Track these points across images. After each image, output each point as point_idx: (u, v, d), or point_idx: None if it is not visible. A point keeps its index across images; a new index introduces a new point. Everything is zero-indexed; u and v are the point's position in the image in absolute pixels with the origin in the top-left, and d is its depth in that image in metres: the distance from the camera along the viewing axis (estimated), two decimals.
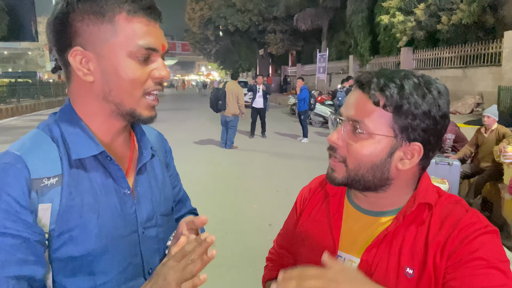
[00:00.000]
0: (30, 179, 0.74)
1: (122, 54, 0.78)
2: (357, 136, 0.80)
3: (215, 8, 30.65)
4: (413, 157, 0.81)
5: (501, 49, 11.99)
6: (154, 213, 0.93)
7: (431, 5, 13.81)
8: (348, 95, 0.86)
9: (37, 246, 0.73)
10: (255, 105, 10.74)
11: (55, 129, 0.83)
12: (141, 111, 0.83)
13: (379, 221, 0.87)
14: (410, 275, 0.80)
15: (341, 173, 0.84)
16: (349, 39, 22.00)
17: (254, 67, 37.66)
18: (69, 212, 0.77)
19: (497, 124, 5.22)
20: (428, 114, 0.77)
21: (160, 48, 0.82)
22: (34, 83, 23.23)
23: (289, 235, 1.08)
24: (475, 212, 0.81)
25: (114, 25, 0.77)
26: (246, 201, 5.52)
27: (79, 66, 0.78)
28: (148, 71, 0.81)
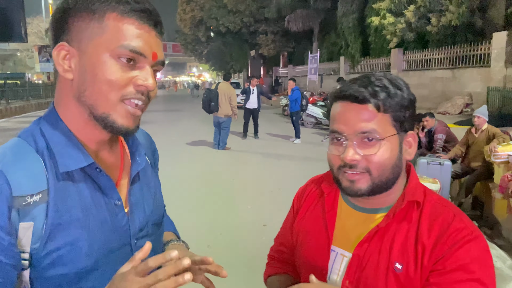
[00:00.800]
0: (11, 196, 0.69)
1: (104, 53, 0.73)
2: (371, 145, 0.84)
3: (206, 9, 30.59)
4: (411, 145, 0.90)
5: (489, 50, 12.16)
6: (147, 222, 0.89)
7: (421, 7, 13.95)
8: (341, 111, 0.87)
9: (9, 270, 0.68)
10: (248, 106, 10.75)
11: (40, 139, 0.77)
12: (115, 118, 0.75)
13: (371, 218, 0.92)
14: (399, 270, 0.84)
15: (365, 182, 0.86)
16: (340, 41, 22.12)
17: (245, 68, 37.66)
18: (56, 230, 0.72)
19: (487, 124, 5.30)
20: (411, 102, 0.87)
21: (149, 56, 0.76)
22: (23, 85, 23.01)
23: (287, 233, 1.14)
24: (462, 217, 0.86)
25: (103, 23, 0.74)
26: (240, 201, 5.53)
27: (60, 61, 0.75)
28: (130, 77, 0.75)
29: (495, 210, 4.73)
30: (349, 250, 0.92)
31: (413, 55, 16.00)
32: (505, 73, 11.50)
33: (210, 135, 10.29)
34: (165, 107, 22.29)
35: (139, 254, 0.68)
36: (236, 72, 39.05)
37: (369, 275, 0.87)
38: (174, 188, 5.61)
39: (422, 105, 13.73)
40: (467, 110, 12.47)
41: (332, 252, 0.95)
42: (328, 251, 0.95)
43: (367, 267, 0.88)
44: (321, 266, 0.95)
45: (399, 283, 0.84)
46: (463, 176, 5.52)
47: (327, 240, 0.96)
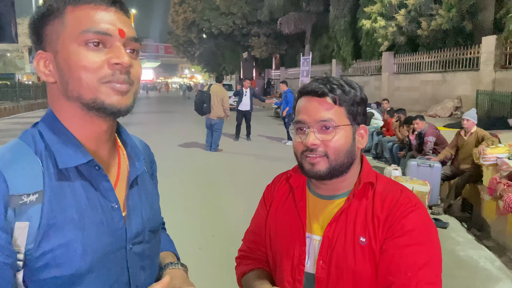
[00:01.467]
0: (8, 195, 0.69)
1: (71, 44, 0.74)
2: (328, 132, 0.97)
3: (198, 10, 30.54)
4: (363, 137, 1.04)
5: (479, 54, 12.31)
6: (143, 228, 0.88)
7: (412, 11, 14.09)
8: (304, 104, 1.01)
9: (5, 269, 0.68)
10: (241, 108, 10.75)
11: (39, 140, 0.78)
12: (103, 98, 0.75)
13: (334, 203, 1.05)
14: (364, 243, 0.97)
15: (324, 165, 0.98)
16: (332, 43, 22.23)
17: (238, 70, 37.66)
18: (51, 231, 0.72)
19: (476, 127, 5.37)
20: (363, 100, 1.02)
21: (114, 33, 0.76)
22: (13, 85, 22.73)
23: (260, 229, 1.20)
24: (408, 193, 1.01)
25: (63, 19, 0.75)
26: (232, 203, 5.53)
27: (41, 69, 0.77)
28: (103, 58, 0.75)
29: (484, 212, 4.79)
30: (319, 234, 1.03)
31: (404, 58, 16.13)
32: (494, 76, 11.65)
33: (202, 137, 10.28)
34: (157, 108, 22.21)
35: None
36: (228, 74, 39.05)
37: (339, 252, 0.99)
38: (166, 190, 5.55)
39: (412, 107, 13.85)
40: (457, 113, 12.61)
41: (307, 239, 1.05)
42: (304, 238, 1.05)
43: (337, 245, 0.99)
44: (299, 252, 1.05)
45: (365, 255, 0.96)
46: (452, 178, 5.58)
47: (301, 228, 1.06)
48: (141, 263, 0.87)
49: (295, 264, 1.05)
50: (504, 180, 4.13)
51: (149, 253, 0.90)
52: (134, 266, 0.85)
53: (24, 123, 15.55)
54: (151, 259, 0.92)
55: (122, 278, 0.83)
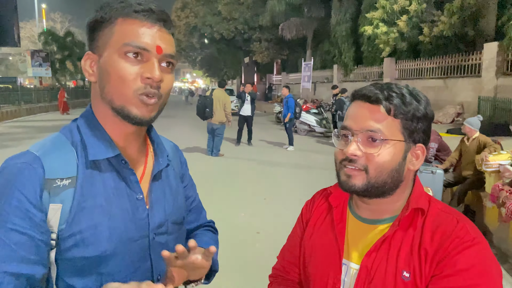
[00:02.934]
0: (44, 178, 0.78)
1: (114, 53, 0.82)
2: (374, 145, 0.86)
3: (200, 16, 30.69)
4: (419, 157, 0.90)
5: (481, 60, 12.34)
6: (166, 220, 0.95)
7: (413, 17, 14.15)
8: (353, 109, 0.91)
9: (41, 245, 0.76)
10: (242, 113, 10.76)
11: (76, 133, 0.87)
12: (131, 108, 0.83)
13: (377, 229, 0.93)
14: (407, 279, 0.84)
15: (361, 180, 0.87)
16: (334, 49, 22.29)
17: (239, 75, 37.74)
18: (81, 214, 0.79)
19: (478, 133, 5.36)
20: (426, 116, 0.88)
21: (152, 49, 0.82)
22: (15, 89, 22.80)
23: (295, 248, 1.11)
24: (466, 223, 0.85)
25: (112, 28, 0.83)
26: (233, 209, 5.51)
27: (86, 68, 0.86)
28: (138, 71, 0.82)
29: (486, 218, 4.77)
30: (357, 262, 0.93)
31: (405, 64, 16.17)
32: (496, 83, 11.67)
33: (203, 141, 10.28)
34: None
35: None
36: (229, 78, 39.12)
37: (378, 286, 0.87)
38: None
39: None
40: (459, 119, 12.61)
41: (344, 266, 0.95)
42: (340, 265, 0.95)
43: (375, 278, 0.88)
44: (334, 281, 0.95)
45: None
46: (455, 185, 5.56)
47: (338, 253, 0.96)
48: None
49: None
50: (506, 187, 4.11)
51: (173, 244, 0.93)
52: (157, 255, 0.90)
53: (26, 127, 15.57)
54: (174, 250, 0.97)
55: (145, 265, 0.90)
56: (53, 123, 16.74)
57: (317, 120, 13.49)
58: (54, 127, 14.56)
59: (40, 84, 28.41)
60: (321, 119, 13.57)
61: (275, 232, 4.48)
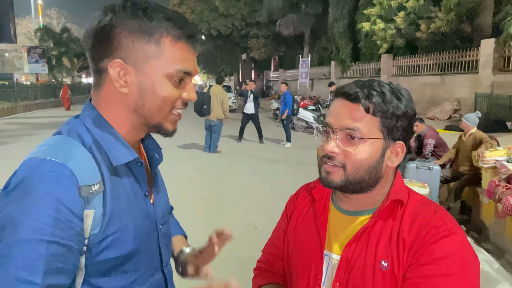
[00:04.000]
0: (79, 186, 0.75)
1: (161, 74, 0.82)
2: (352, 143, 0.87)
3: (197, 12, 30.57)
4: (398, 154, 0.92)
5: (478, 57, 12.37)
6: (165, 210, 1.01)
7: (411, 13, 14.15)
8: (334, 107, 0.92)
9: (76, 255, 0.76)
10: (246, 111, 10.75)
11: (86, 135, 0.84)
12: (167, 126, 0.89)
13: (358, 220, 0.95)
14: (385, 268, 0.86)
15: (339, 176, 0.89)
16: (331, 45, 22.30)
17: (236, 71, 37.70)
18: (112, 217, 0.81)
19: (475, 129, 5.38)
20: (406, 114, 0.88)
21: (193, 73, 0.87)
22: (12, 85, 22.68)
23: (279, 241, 1.14)
24: (443, 214, 0.88)
25: (159, 47, 0.81)
26: (231, 205, 5.53)
27: (117, 78, 0.82)
28: (180, 92, 0.86)
29: (483, 214, 4.80)
30: (338, 253, 0.95)
31: (402, 60, 16.19)
32: (493, 79, 11.70)
33: (200, 138, 10.28)
34: None
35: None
36: (227, 75, 39.09)
37: (357, 275, 0.89)
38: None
39: None
40: (456, 115, 12.65)
41: (325, 257, 0.97)
42: (321, 256, 0.97)
43: (355, 267, 0.90)
44: (316, 272, 0.97)
45: (385, 281, 0.86)
46: (452, 181, 5.59)
47: (319, 245, 0.98)
48: (166, 242, 1.00)
49: (310, 284, 0.98)
50: (503, 183, 4.14)
51: (169, 232, 1.03)
52: (163, 245, 0.97)
53: (22, 123, 15.51)
54: (170, 237, 1.05)
55: (156, 256, 0.94)
56: (50, 119, 16.68)
57: (314, 116, 13.50)
58: (51, 123, 14.51)
59: (36, 81, 28.28)
60: (318, 115, 13.58)
61: (273, 228, 4.48)
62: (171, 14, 0.83)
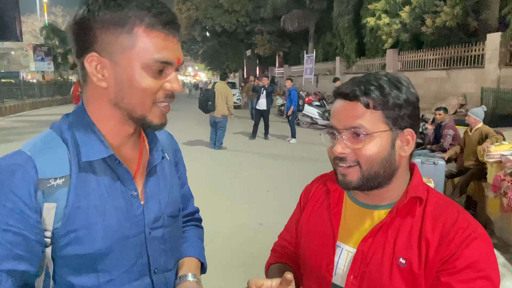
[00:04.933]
0: (38, 179, 0.78)
1: (137, 65, 0.79)
2: (359, 140, 0.87)
3: (202, 8, 30.57)
4: (409, 142, 0.91)
5: (483, 51, 12.26)
6: (162, 214, 0.94)
7: (416, 8, 14.04)
8: (335, 107, 0.93)
9: (35, 245, 0.78)
10: (258, 107, 10.80)
11: (67, 130, 0.85)
12: (152, 118, 0.85)
13: (375, 214, 0.95)
14: (403, 265, 0.86)
15: (356, 175, 0.90)
16: (336, 41, 22.20)
17: (241, 68, 37.67)
18: (75, 213, 0.80)
19: (481, 124, 5.36)
20: (408, 101, 0.88)
21: (175, 62, 0.83)
22: (18, 84, 22.81)
23: (292, 230, 1.17)
24: (466, 215, 0.88)
25: (132, 37, 0.78)
26: (236, 201, 5.57)
27: (94, 72, 0.80)
28: (161, 83, 0.82)
29: (488, 209, 4.79)
30: (353, 245, 0.95)
31: (408, 55, 16.10)
32: (499, 74, 11.61)
33: (205, 135, 10.32)
34: None
35: None
36: (232, 71, 39.05)
37: (373, 270, 0.89)
38: None
39: None
40: (461, 110, 12.57)
41: (338, 248, 0.97)
42: (333, 247, 0.97)
43: (371, 262, 0.90)
44: (327, 262, 0.98)
45: (403, 278, 0.86)
46: (457, 175, 5.57)
47: (332, 236, 0.98)
48: (161, 247, 0.94)
49: (322, 273, 0.98)
50: (508, 178, 4.13)
51: (169, 236, 0.97)
52: (154, 250, 0.92)
53: (29, 121, 15.63)
54: (172, 243, 0.99)
55: (141, 260, 0.90)
56: (56, 117, 16.67)
57: (319, 112, 13.48)
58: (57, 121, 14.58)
59: (42, 79, 28.42)
60: (323, 111, 13.55)
61: (278, 224, 4.48)
62: (144, 2, 0.79)
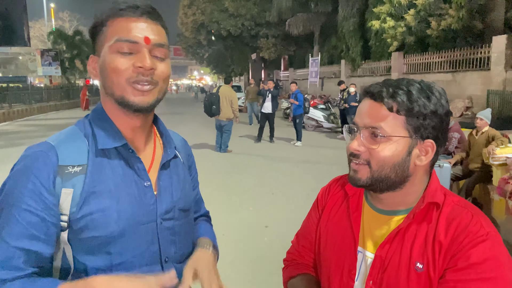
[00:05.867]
0: (58, 165, 0.86)
1: (108, 50, 0.89)
2: (376, 141, 0.88)
3: (207, 13, 30.71)
4: (427, 153, 0.90)
5: (489, 53, 12.22)
6: (173, 206, 1.01)
7: (421, 10, 14.03)
8: (361, 106, 0.94)
9: (51, 227, 0.85)
10: (263, 110, 10.85)
11: (87, 126, 0.96)
12: (129, 97, 0.90)
13: (392, 220, 0.95)
14: (420, 270, 0.87)
15: (365, 174, 0.91)
16: (341, 44, 22.20)
17: (246, 71, 37.75)
18: (90, 197, 0.87)
19: (488, 127, 5.35)
20: (435, 113, 0.87)
21: (140, 41, 0.89)
22: (26, 88, 23.05)
23: (311, 234, 1.15)
24: (480, 218, 0.87)
25: (104, 29, 0.91)
26: (242, 203, 5.60)
27: (90, 70, 0.96)
28: (131, 62, 0.89)
29: (494, 211, 4.78)
30: (372, 251, 0.96)
31: (413, 58, 16.06)
32: (505, 76, 11.56)
33: (211, 138, 10.36)
34: (167, 110, 22.36)
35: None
36: (237, 75, 39.16)
37: (391, 275, 0.90)
38: None
39: None
40: (468, 113, 12.52)
41: (359, 254, 0.98)
42: (355, 252, 0.98)
43: (389, 268, 0.91)
44: (349, 267, 0.99)
45: (420, 283, 0.86)
46: (463, 178, 5.56)
47: (353, 241, 0.99)
48: (171, 238, 1.00)
49: (344, 279, 0.99)
50: None
51: (179, 229, 1.03)
52: (164, 239, 0.98)
53: (37, 125, 15.78)
54: (182, 235, 1.04)
55: (152, 247, 0.96)
56: (64, 121, 16.94)
57: (324, 115, 13.49)
58: (65, 125, 14.60)
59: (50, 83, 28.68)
60: (328, 114, 13.56)
61: (283, 226, 4.54)
62: (117, 1, 0.91)
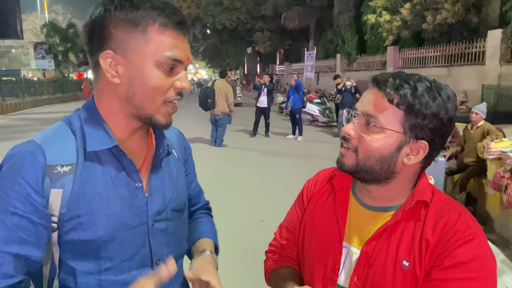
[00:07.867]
0: (46, 165, 0.81)
1: (149, 62, 0.83)
2: (369, 130, 0.86)
3: (202, 6, 30.52)
4: (418, 153, 0.87)
5: (484, 48, 12.25)
6: (165, 207, 0.97)
7: (417, 5, 14.02)
8: (365, 92, 0.91)
9: (40, 229, 0.81)
10: (259, 105, 10.79)
11: (76, 122, 0.89)
12: (159, 117, 0.87)
13: (380, 216, 0.93)
14: (406, 267, 0.86)
15: (351, 160, 0.89)
16: (337, 38, 22.18)
17: (242, 65, 37.65)
18: (79, 199, 0.83)
19: (483, 121, 5.36)
20: (436, 116, 0.83)
21: (185, 61, 0.87)
22: (19, 81, 22.86)
23: (295, 227, 1.13)
24: (467, 217, 0.87)
25: (146, 35, 0.82)
26: (237, 198, 5.58)
27: (108, 68, 0.84)
28: (172, 81, 0.86)
29: (488, 205, 4.80)
30: (357, 247, 0.94)
31: (409, 52, 16.08)
32: (500, 70, 11.60)
33: (206, 132, 10.32)
34: None
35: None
36: (232, 69, 39.03)
37: (377, 272, 0.89)
38: None
39: None
40: (462, 107, 12.56)
41: (344, 248, 0.96)
42: (340, 247, 0.96)
43: (375, 264, 0.89)
44: (334, 262, 0.97)
45: (406, 280, 0.85)
46: (457, 172, 5.57)
47: (338, 235, 0.97)
48: (164, 239, 0.96)
49: (327, 274, 0.97)
50: (507, 174, 4.14)
51: (172, 230, 0.99)
52: (156, 241, 0.94)
53: (30, 119, 15.65)
54: (175, 236, 1.01)
55: (143, 250, 0.92)
56: (57, 115, 16.80)
57: (320, 109, 13.48)
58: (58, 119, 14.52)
59: (43, 77, 28.44)
60: (324, 108, 13.55)
61: (278, 221, 4.48)
62: (158, 3, 0.83)
